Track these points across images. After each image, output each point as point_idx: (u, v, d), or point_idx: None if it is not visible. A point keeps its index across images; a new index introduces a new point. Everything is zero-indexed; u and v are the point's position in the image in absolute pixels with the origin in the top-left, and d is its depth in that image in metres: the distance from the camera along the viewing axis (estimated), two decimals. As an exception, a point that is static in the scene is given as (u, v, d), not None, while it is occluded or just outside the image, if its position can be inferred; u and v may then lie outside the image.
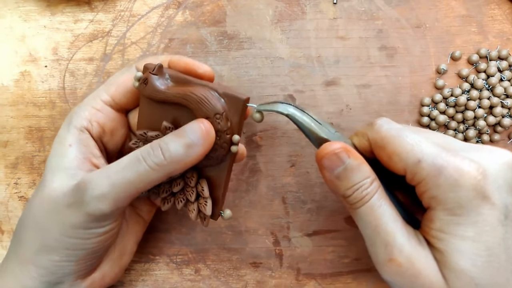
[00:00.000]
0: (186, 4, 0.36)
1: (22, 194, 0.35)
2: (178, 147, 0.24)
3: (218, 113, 0.25)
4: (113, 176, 0.24)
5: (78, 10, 0.36)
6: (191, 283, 0.34)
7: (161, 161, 0.24)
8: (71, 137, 0.27)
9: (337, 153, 0.24)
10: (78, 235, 0.25)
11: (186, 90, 0.25)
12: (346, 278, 0.34)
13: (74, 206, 0.24)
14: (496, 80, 0.33)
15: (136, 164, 0.24)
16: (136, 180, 0.24)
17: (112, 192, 0.24)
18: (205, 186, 0.27)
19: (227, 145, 0.26)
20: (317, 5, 0.35)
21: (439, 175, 0.22)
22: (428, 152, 0.22)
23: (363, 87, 0.35)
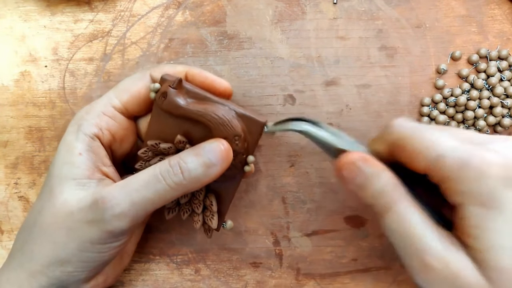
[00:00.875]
0: (186, 4, 0.36)
1: (22, 194, 0.35)
2: (198, 166, 0.24)
3: (237, 135, 0.26)
4: (133, 194, 0.24)
5: (78, 10, 0.36)
6: (191, 283, 0.34)
7: (180, 180, 0.24)
8: (81, 145, 0.26)
9: (355, 163, 0.23)
10: (95, 250, 0.25)
11: (208, 109, 0.26)
12: (344, 278, 0.34)
13: (93, 223, 0.24)
14: (496, 80, 0.33)
15: (156, 183, 0.24)
16: (154, 198, 0.24)
17: (132, 211, 0.24)
18: (214, 201, 0.28)
19: (241, 165, 0.27)
20: (317, 5, 0.35)
21: (465, 168, 0.21)
22: (450, 146, 0.21)
23: (363, 87, 0.35)
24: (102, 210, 0.24)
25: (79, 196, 0.25)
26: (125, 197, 0.24)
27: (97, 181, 0.26)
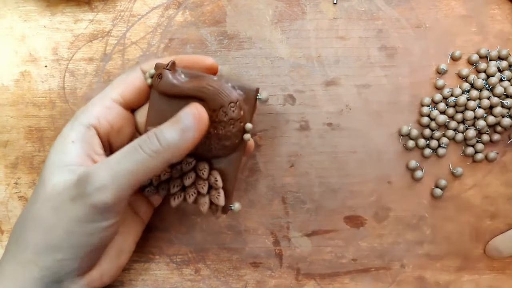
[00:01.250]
0: (186, 4, 0.36)
1: (22, 194, 0.35)
2: (173, 132, 0.24)
3: (232, 101, 0.26)
4: (113, 166, 0.24)
5: (78, 10, 0.36)
6: (191, 283, 0.34)
7: (157, 148, 0.24)
8: (75, 133, 0.27)
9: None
10: (83, 230, 0.25)
11: (202, 82, 0.27)
12: (344, 278, 0.34)
13: (77, 199, 0.24)
14: (496, 80, 0.33)
15: (134, 153, 0.24)
16: (135, 169, 0.24)
17: (113, 183, 0.24)
18: (218, 177, 0.28)
19: (240, 133, 0.27)
20: (317, 5, 0.35)
21: None
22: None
23: (363, 87, 0.35)
24: (84, 184, 0.24)
25: (66, 178, 0.25)
26: (106, 169, 0.24)
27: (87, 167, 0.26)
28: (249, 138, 0.27)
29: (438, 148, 0.34)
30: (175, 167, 0.28)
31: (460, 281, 0.34)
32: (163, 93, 0.27)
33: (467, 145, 0.34)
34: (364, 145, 0.34)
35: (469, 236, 0.34)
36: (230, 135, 0.27)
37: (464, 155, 0.34)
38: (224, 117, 0.26)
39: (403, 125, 0.34)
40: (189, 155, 0.28)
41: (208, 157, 0.28)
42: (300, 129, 0.34)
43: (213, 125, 0.27)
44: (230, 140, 0.27)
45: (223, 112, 0.26)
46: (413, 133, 0.34)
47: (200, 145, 0.27)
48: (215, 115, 0.27)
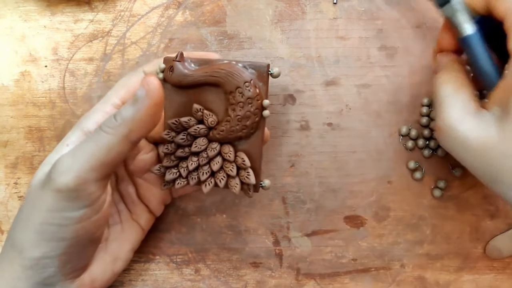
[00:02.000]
0: (186, 4, 0.36)
1: (22, 194, 0.35)
2: (127, 106, 0.24)
3: (246, 81, 0.27)
4: (75, 149, 0.25)
5: (78, 10, 0.36)
6: (191, 283, 0.34)
7: (113, 123, 0.24)
8: (73, 137, 0.27)
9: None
10: (54, 220, 0.24)
11: (213, 67, 0.27)
12: (344, 278, 0.34)
13: (44, 186, 0.25)
14: (496, 80, 0.33)
15: (94, 135, 0.25)
16: (95, 149, 0.24)
17: (74, 165, 0.24)
18: (245, 157, 0.28)
19: (259, 111, 0.28)
20: (317, 5, 0.35)
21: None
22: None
23: (363, 87, 0.35)
24: (50, 171, 0.24)
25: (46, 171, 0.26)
26: (69, 154, 0.25)
27: None
28: (268, 114, 0.28)
29: (438, 148, 0.34)
30: (201, 155, 0.28)
31: (460, 281, 0.34)
32: (176, 84, 0.28)
33: (467, 145, 0.34)
34: (364, 145, 0.34)
35: (469, 236, 0.34)
36: (249, 114, 0.27)
37: (464, 155, 0.34)
38: (242, 97, 0.27)
39: (403, 125, 0.34)
40: (213, 141, 0.28)
41: (231, 140, 0.28)
42: (300, 129, 0.34)
43: (231, 107, 0.27)
44: (250, 119, 0.27)
45: (239, 92, 0.27)
46: (413, 133, 0.34)
47: (222, 129, 0.28)
48: (232, 97, 0.27)
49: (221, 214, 0.34)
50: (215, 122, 0.28)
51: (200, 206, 0.34)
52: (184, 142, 0.28)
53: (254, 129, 0.28)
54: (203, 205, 0.34)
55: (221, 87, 0.27)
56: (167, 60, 0.28)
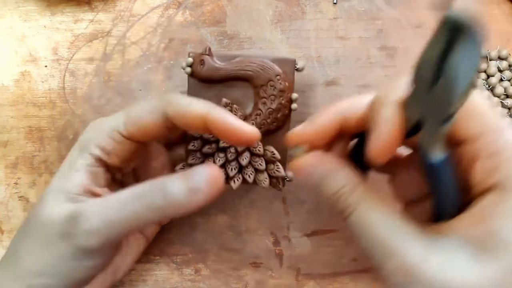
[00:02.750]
0: (186, 4, 0.36)
1: (22, 194, 0.35)
2: (182, 190, 0.22)
3: (278, 74, 0.28)
4: (108, 212, 0.23)
5: (78, 10, 0.36)
6: (191, 283, 0.34)
7: (160, 204, 0.22)
8: (82, 161, 0.25)
9: (308, 165, 0.23)
10: (68, 266, 0.24)
11: (243, 62, 0.28)
12: (344, 278, 0.34)
13: (64, 237, 0.23)
14: (496, 80, 0.33)
15: (133, 203, 0.22)
16: (130, 218, 0.23)
17: (103, 229, 0.23)
18: (274, 150, 0.29)
19: (288, 103, 0.29)
20: (317, 5, 0.35)
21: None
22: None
23: (363, 87, 0.35)
24: (74, 225, 0.23)
25: (63, 208, 0.24)
26: (99, 213, 0.23)
27: (87, 198, 0.25)
28: (296, 108, 0.29)
29: (438, 148, 0.34)
30: (228, 150, 0.28)
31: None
32: (206, 79, 0.28)
33: (467, 145, 0.34)
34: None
35: (469, 236, 0.34)
36: (280, 107, 0.28)
37: (464, 155, 0.34)
38: (273, 90, 0.28)
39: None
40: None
41: (261, 134, 0.28)
42: (300, 129, 0.34)
43: (262, 101, 0.28)
44: (280, 112, 0.28)
45: (271, 86, 0.28)
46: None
47: (252, 123, 0.28)
48: (263, 90, 0.28)
49: (221, 214, 0.34)
50: (244, 117, 0.28)
51: (200, 206, 0.34)
52: (212, 138, 0.28)
53: (282, 123, 0.29)
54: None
55: (251, 81, 0.28)
56: (195, 55, 0.29)
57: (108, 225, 0.23)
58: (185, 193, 0.22)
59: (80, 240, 0.23)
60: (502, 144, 0.19)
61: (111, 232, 0.23)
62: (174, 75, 0.35)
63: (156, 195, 0.22)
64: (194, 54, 0.29)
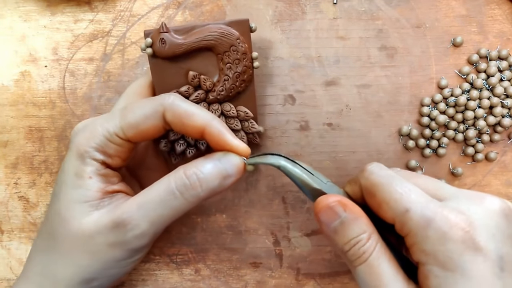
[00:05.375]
0: (186, 4, 0.36)
1: (22, 194, 0.35)
2: (215, 177, 0.24)
3: (238, 38, 0.28)
4: (151, 214, 0.24)
5: (78, 10, 0.36)
6: (191, 283, 0.34)
7: (198, 193, 0.24)
8: (90, 168, 0.25)
9: (332, 207, 0.23)
10: (119, 266, 0.26)
11: (204, 31, 0.28)
12: (343, 278, 0.34)
13: (115, 245, 0.25)
14: (496, 80, 0.33)
15: (173, 200, 0.24)
16: (172, 214, 0.25)
17: (151, 229, 0.25)
18: (246, 110, 0.30)
19: (251, 63, 0.29)
20: (317, 5, 0.35)
21: (428, 227, 0.21)
22: (417, 201, 0.22)
23: (363, 87, 0.35)
24: (124, 233, 0.24)
25: (94, 218, 0.25)
26: (144, 217, 0.24)
27: (109, 199, 0.26)
28: (258, 65, 0.30)
29: (438, 148, 0.34)
30: None
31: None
32: (169, 56, 0.28)
33: (467, 145, 0.34)
34: (364, 145, 0.34)
35: (469, 236, 0.34)
36: (245, 69, 0.29)
37: (464, 155, 0.34)
38: (237, 54, 0.28)
39: (403, 125, 0.34)
40: (212, 103, 0.30)
41: (231, 98, 0.30)
42: (300, 129, 0.34)
43: (227, 66, 0.29)
44: (246, 73, 0.29)
45: (234, 50, 0.28)
46: (413, 133, 0.34)
47: (222, 90, 0.29)
48: (226, 56, 0.28)
49: (221, 214, 0.34)
50: (212, 85, 0.29)
51: (200, 206, 0.34)
52: None
53: (249, 82, 0.30)
54: (203, 205, 0.34)
55: (214, 49, 0.28)
56: (153, 34, 0.28)
57: (154, 226, 0.25)
58: (219, 180, 0.24)
59: (132, 244, 0.25)
60: (410, 227, 0.22)
61: (158, 228, 0.25)
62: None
63: (193, 186, 0.24)
64: (152, 33, 0.28)
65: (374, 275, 0.22)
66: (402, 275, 0.22)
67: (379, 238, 0.23)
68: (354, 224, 0.23)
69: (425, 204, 0.21)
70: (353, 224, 0.23)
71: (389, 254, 0.23)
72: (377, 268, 0.22)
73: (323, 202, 0.23)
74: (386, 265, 0.22)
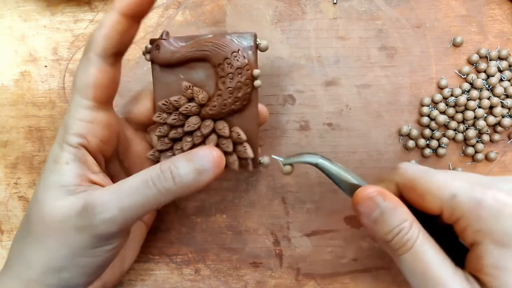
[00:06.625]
0: (186, 4, 0.36)
1: (22, 194, 0.35)
2: (189, 172, 0.24)
3: (234, 51, 0.26)
4: (123, 199, 0.24)
5: (78, 10, 0.36)
6: (191, 283, 0.34)
7: (170, 186, 0.24)
8: (67, 154, 0.25)
9: (372, 197, 0.23)
10: (88, 255, 0.25)
11: (200, 41, 0.27)
12: (344, 278, 0.34)
13: (82, 229, 0.24)
14: (496, 80, 0.33)
15: (146, 188, 0.24)
16: (144, 203, 0.24)
17: (121, 215, 0.24)
18: (240, 131, 0.27)
19: (250, 81, 0.27)
20: (317, 5, 0.35)
21: (480, 208, 0.21)
22: (462, 186, 0.22)
23: (363, 87, 0.35)
24: (91, 216, 0.24)
25: (68, 202, 0.24)
26: (114, 202, 0.24)
27: (86, 187, 0.25)
28: (260, 84, 0.27)
29: (438, 148, 0.34)
30: (195, 134, 0.28)
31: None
32: (164, 63, 0.27)
33: (467, 145, 0.34)
34: (364, 145, 0.34)
35: (469, 236, 0.34)
36: (240, 85, 0.27)
37: (464, 155, 0.34)
38: (231, 68, 0.26)
39: (403, 125, 0.34)
40: (205, 118, 0.28)
41: (225, 115, 0.28)
42: (300, 129, 0.34)
43: (221, 80, 0.27)
44: (241, 90, 0.27)
45: (228, 63, 0.26)
46: (413, 133, 0.34)
47: (214, 105, 0.27)
48: (220, 69, 0.27)
49: (221, 214, 0.34)
50: (206, 99, 0.27)
51: (200, 206, 0.34)
52: (177, 123, 0.28)
53: (247, 101, 0.27)
54: (203, 205, 0.34)
55: (209, 61, 0.27)
56: (153, 40, 0.28)
57: (124, 212, 0.24)
58: (193, 175, 0.24)
59: (100, 229, 0.24)
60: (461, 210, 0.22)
61: (127, 218, 0.24)
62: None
63: (167, 179, 0.24)
64: (153, 39, 0.28)
65: (420, 262, 0.22)
66: (449, 261, 0.22)
67: (421, 226, 0.23)
68: (395, 213, 0.23)
69: (470, 187, 0.22)
70: (394, 213, 0.23)
71: (433, 241, 0.23)
72: (423, 254, 0.22)
73: (362, 193, 0.24)
74: (432, 252, 0.22)
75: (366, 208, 0.23)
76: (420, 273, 0.22)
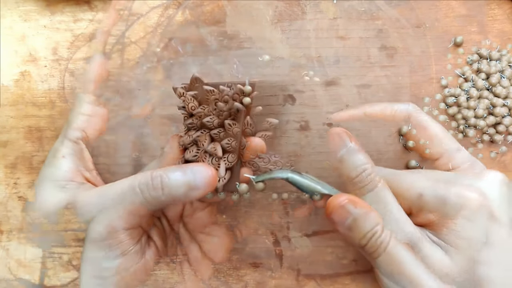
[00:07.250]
0: (186, 4, 0.36)
1: (21, 194, 0.35)
2: (181, 186, 0.23)
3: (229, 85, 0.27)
4: (107, 202, 0.23)
5: (78, 9, 0.36)
6: (191, 283, 0.34)
7: (158, 195, 0.23)
8: (65, 149, 0.26)
9: (344, 205, 0.24)
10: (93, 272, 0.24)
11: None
12: (344, 279, 0.34)
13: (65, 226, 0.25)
14: (496, 80, 0.33)
15: (133, 195, 0.23)
16: (129, 208, 0.23)
17: (104, 219, 0.23)
18: (218, 147, 0.27)
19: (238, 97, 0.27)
20: (317, 5, 0.35)
21: (444, 205, 0.22)
22: (427, 185, 0.23)
23: (363, 87, 0.34)
24: (74, 215, 0.24)
25: (57, 198, 0.25)
26: (98, 205, 0.23)
27: (78, 183, 0.26)
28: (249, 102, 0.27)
29: (438, 148, 0.34)
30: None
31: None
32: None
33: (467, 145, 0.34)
34: (364, 145, 0.34)
35: (470, 236, 0.34)
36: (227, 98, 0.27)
37: (464, 155, 0.34)
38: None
39: (403, 125, 0.34)
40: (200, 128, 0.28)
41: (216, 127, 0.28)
42: (300, 129, 0.34)
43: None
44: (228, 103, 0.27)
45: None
46: (413, 133, 0.34)
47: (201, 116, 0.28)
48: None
49: (221, 214, 0.34)
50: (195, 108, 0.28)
51: (200, 206, 0.34)
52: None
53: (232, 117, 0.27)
54: (203, 205, 0.34)
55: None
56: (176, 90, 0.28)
57: (108, 215, 0.23)
58: (184, 189, 0.23)
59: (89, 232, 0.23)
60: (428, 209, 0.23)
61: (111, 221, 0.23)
62: (173, 75, 0.35)
63: (156, 187, 0.23)
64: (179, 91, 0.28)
65: (396, 262, 0.23)
66: (420, 260, 0.23)
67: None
68: (366, 218, 0.23)
69: (435, 186, 0.23)
70: (366, 218, 0.23)
71: (404, 243, 0.23)
72: (397, 255, 0.23)
73: (334, 202, 0.24)
74: (405, 252, 0.23)
75: (339, 217, 0.24)
76: (396, 274, 0.23)
